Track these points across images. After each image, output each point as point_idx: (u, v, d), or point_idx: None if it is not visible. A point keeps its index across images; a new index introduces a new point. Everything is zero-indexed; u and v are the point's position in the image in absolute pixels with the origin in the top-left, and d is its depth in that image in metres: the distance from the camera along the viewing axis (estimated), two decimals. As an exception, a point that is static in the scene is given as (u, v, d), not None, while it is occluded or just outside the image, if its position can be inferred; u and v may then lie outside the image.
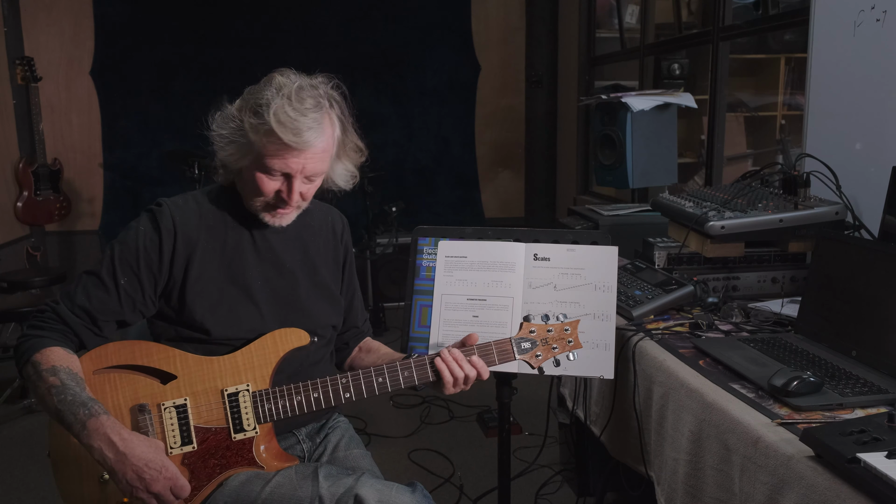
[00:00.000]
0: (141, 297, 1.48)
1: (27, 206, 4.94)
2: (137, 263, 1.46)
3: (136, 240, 1.48)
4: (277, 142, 1.40)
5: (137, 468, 1.32)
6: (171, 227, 1.48)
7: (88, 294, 1.45)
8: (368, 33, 5.43)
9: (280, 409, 1.48)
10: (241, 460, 1.47)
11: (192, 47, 5.27)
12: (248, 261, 1.55)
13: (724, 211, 1.97)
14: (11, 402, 3.53)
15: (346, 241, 1.75)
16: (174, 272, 1.49)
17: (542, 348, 1.54)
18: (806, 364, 1.50)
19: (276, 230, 1.58)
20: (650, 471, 1.69)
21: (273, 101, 1.39)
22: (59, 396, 1.35)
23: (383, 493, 1.40)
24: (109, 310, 1.46)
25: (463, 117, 5.68)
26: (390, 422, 3.40)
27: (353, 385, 1.49)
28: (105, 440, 1.32)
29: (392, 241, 4.78)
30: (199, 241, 1.51)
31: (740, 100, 4.62)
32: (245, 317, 1.53)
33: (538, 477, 2.80)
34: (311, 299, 1.62)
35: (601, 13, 5.11)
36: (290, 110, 1.39)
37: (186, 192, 1.58)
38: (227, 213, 1.55)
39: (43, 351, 1.40)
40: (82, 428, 1.33)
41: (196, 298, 1.50)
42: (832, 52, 2.23)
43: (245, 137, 1.43)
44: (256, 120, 1.40)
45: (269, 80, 1.46)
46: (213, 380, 1.48)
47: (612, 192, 4.70)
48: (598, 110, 3.41)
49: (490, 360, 1.53)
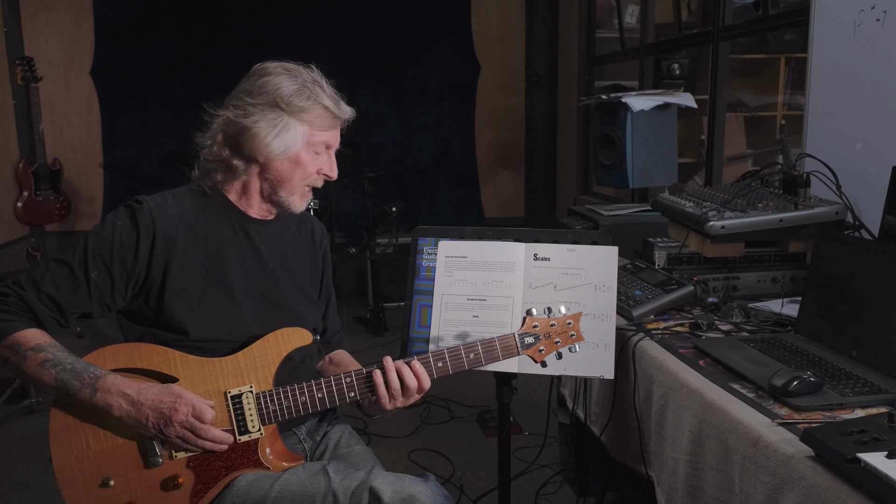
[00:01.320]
0: (110, 291, 1.46)
1: (27, 206, 4.94)
2: (111, 258, 1.45)
3: (111, 234, 1.46)
4: (328, 118, 1.51)
5: (154, 407, 1.37)
6: (150, 225, 1.47)
7: (57, 284, 1.44)
8: (368, 33, 5.43)
9: (285, 409, 1.47)
10: (247, 462, 1.46)
11: (192, 47, 5.28)
12: (230, 260, 1.54)
13: (724, 211, 1.97)
14: (11, 402, 3.52)
15: (325, 248, 1.75)
16: (152, 271, 1.48)
17: (545, 342, 1.54)
18: (806, 364, 1.50)
19: (260, 229, 1.58)
20: (650, 471, 1.69)
21: (306, 84, 1.49)
22: (55, 368, 1.37)
23: (397, 484, 1.40)
24: (77, 301, 1.45)
25: (463, 117, 5.68)
26: (390, 422, 3.40)
27: (357, 384, 1.48)
28: (120, 395, 1.37)
29: (392, 241, 4.78)
30: (180, 240, 1.49)
31: (740, 100, 4.62)
32: (225, 317, 1.51)
33: (538, 477, 2.80)
34: (295, 299, 1.62)
35: (601, 13, 5.11)
36: (326, 86, 1.52)
37: (165, 191, 1.56)
38: (209, 212, 1.55)
39: (16, 334, 1.40)
40: (94, 391, 1.36)
41: (176, 298, 1.48)
42: (832, 52, 2.23)
43: (295, 123, 1.49)
44: (301, 103, 1.48)
45: (272, 72, 1.51)
46: (215, 381, 1.46)
47: (612, 192, 4.70)
48: (598, 110, 3.41)
49: (493, 356, 1.52)
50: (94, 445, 1.43)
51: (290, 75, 1.50)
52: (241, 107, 1.49)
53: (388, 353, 1.92)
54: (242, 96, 1.50)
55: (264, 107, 1.48)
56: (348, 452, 1.64)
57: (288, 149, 1.49)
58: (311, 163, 1.53)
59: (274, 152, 1.49)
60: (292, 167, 1.52)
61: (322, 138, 1.53)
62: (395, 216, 4.64)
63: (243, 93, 1.50)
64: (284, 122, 1.48)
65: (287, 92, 1.48)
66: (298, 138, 1.50)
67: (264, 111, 1.47)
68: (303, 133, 1.50)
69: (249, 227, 1.57)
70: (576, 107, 5.10)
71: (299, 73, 1.51)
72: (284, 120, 1.48)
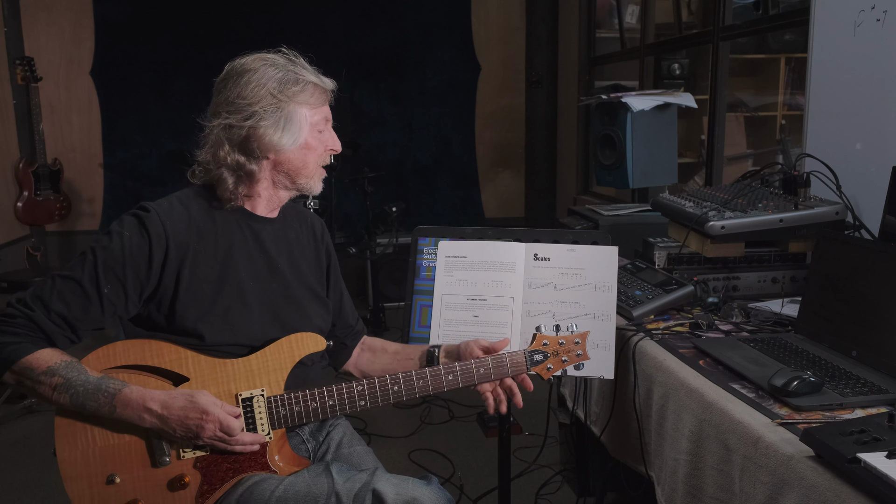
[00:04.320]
0: (123, 304, 1.43)
1: (27, 206, 4.94)
2: (123, 271, 1.41)
3: (121, 246, 1.41)
4: (319, 92, 1.52)
5: (180, 422, 1.37)
6: (162, 233, 1.43)
7: (67, 301, 1.39)
8: (368, 33, 5.44)
9: (295, 415, 1.46)
10: (255, 465, 1.45)
11: (192, 47, 5.27)
12: (240, 262, 1.52)
13: (724, 211, 1.97)
14: (11, 402, 3.52)
15: (327, 242, 1.73)
16: (164, 279, 1.44)
17: (552, 360, 1.54)
18: (806, 364, 1.50)
19: (266, 227, 1.57)
20: (650, 471, 1.69)
21: (288, 68, 1.50)
22: (69, 392, 1.35)
23: (400, 486, 1.41)
24: (90, 318, 1.41)
25: (463, 117, 5.68)
26: (390, 422, 3.40)
27: (368, 393, 1.47)
28: (143, 409, 1.36)
29: (392, 241, 4.78)
30: (191, 246, 1.46)
31: (740, 100, 4.62)
32: (238, 321, 1.49)
33: (538, 477, 2.80)
34: (304, 299, 1.61)
35: (601, 13, 5.11)
36: (304, 63, 1.53)
37: (170, 195, 1.52)
38: (215, 213, 1.52)
39: (27, 357, 1.36)
40: (112, 409, 1.36)
41: (188, 304, 1.45)
42: (832, 52, 2.23)
43: (295, 110, 1.49)
44: (294, 87, 1.48)
45: (251, 67, 1.49)
46: (226, 383, 1.44)
47: (612, 192, 4.70)
48: (598, 110, 3.41)
49: (503, 373, 1.52)
50: (101, 441, 1.41)
51: (269, 64, 1.49)
52: (237, 111, 1.46)
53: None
54: (234, 100, 1.47)
55: (261, 103, 1.45)
56: (350, 453, 1.65)
57: (297, 138, 1.50)
58: (318, 144, 1.54)
59: (286, 146, 1.49)
60: (304, 153, 1.52)
61: (321, 115, 1.53)
62: (395, 216, 4.64)
63: (233, 96, 1.47)
64: (285, 112, 1.47)
65: (276, 81, 1.47)
66: (304, 124, 1.50)
67: (263, 108, 1.46)
68: (305, 117, 1.50)
69: (256, 227, 1.55)
70: (576, 107, 5.10)
71: (275, 59, 1.50)
72: (285, 110, 1.47)
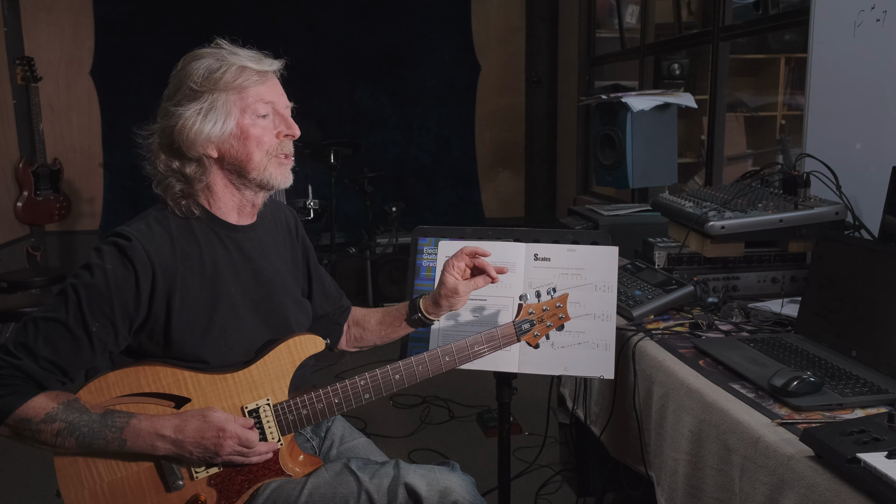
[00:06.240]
0: (114, 339, 1.36)
1: (27, 206, 4.94)
2: (111, 306, 1.32)
3: (104, 281, 1.32)
4: (251, 74, 1.40)
5: (197, 443, 1.33)
6: (147, 262, 1.34)
7: (54, 346, 1.31)
8: (368, 33, 5.43)
9: (303, 418, 1.44)
10: (269, 472, 1.44)
11: (191, 47, 5.24)
12: (227, 276, 1.45)
13: (724, 211, 1.97)
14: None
15: (302, 235, 1.68)
16: (154, 308, 1.37)
17: (539, 327, 1.57)
18: (806, 364, 1.50)
19: (247, 236, 1.50)
20: (650, 471, 1.69)
21: (212, 55, 1.41)
22: (73, 435, 1.30)
23: (429, 477, 1.42)
24: (81, 360, 1.35)
25: (463, 117, 5.68)
26: (390, 422, 3.40)
27: (371, 385, 1.47)
28: (156, 437, 1.32)
29: (392, 241, 4.78)
30: (178, 270, 1.38)
31: (740, 100, 4.62)
32: (235, 338, 1.44)
33: (538, 477, 2.80)
34: (287, 304, 1.56)
35: (601, 13, 5.11)
36: (239, 49, 1.43)
37: (145, 215, 1.44)
38: (194, 228, 1.44)
39: (21, 408, 1.29)
40: (122, 443, 1.31)
41: (185, 330, 1.38)
42: (832, 52, 2.23)
43: (218, 96, 1.38)
44: (215, 74, 1.38)
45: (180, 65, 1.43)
46: (230, 398, 1.41)
47: (612, 192, 4.70)
48: (598, 110, 3.41)
49: (496, 346, 1.54)
50: (108, 476, 1.36)
51: (195, 58, 1.41)
52: (164, 114, 1.41)
53: (388, 352, 1.92)
54: (164, 104, 1.42)
55: (183, 99, 1.38)
56: (353, 446, 1.65)
57: (224, 124, 1.38)
58: (260, 129, 1.40)
59: (213, 135, 1.38)
60: (243, 142, 1.40)
61: (256, 96, 1.40)
62: (395, 216, 4.65)
63: (164, 100, 1.43)
64: (207, 101, 1.38)
65: (199, 73, 1.38)
66: (230, 108, 1.38)
67: (185, 104, 1.38)
68: (231, 101, 1.38)
69: (236, 237, 1.49)
70: (576, 107, 5.10)
71: (206, 52, 1.42)
72: (207, 99, 1.38)
